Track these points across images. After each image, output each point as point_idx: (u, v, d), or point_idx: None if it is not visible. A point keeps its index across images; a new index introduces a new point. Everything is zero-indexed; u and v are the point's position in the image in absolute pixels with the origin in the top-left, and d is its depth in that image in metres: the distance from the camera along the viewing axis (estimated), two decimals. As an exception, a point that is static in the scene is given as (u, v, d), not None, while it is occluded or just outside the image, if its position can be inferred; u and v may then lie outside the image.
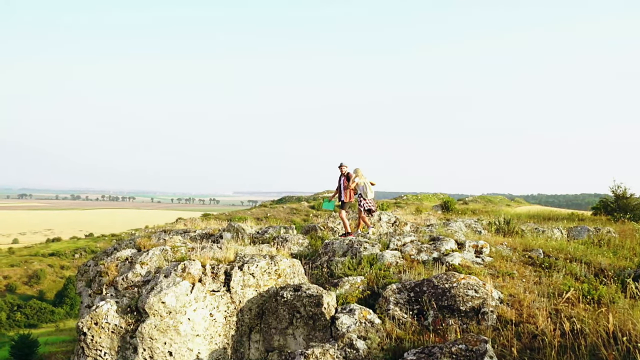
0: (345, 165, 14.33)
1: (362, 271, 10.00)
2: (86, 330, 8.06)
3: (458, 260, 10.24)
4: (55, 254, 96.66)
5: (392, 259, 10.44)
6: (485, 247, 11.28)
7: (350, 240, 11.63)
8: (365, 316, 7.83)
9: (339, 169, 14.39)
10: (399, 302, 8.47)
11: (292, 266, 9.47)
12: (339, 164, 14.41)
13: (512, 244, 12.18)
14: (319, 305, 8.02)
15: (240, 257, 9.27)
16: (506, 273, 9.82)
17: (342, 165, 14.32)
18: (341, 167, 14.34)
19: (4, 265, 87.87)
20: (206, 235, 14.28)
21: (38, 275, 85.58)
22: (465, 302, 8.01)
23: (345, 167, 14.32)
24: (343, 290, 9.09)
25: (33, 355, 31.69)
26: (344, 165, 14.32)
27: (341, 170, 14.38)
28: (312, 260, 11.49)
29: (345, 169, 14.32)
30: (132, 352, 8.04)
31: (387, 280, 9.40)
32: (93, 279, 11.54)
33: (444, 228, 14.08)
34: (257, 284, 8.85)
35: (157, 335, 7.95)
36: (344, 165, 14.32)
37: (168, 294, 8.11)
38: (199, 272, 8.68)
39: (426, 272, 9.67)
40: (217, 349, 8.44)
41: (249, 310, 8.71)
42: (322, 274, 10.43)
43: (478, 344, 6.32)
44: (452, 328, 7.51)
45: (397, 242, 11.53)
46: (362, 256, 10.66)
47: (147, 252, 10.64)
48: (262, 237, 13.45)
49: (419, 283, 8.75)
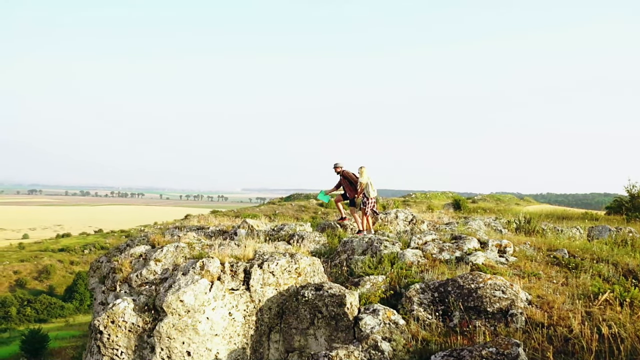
0: (340, 165, 14.33)
1: (383, 270, 9.75)
2: (102, 328, 7.84)
3: (482, 260, 9.96)
4: (65, 250, 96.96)
5: (413, 258, 10.18)
6: (508, 246, 10.99)
7: (369, 239, 11.36)
8: (390, 317, 7.59)
9: (334, 170, 14.42)
10: (422, 303, 8.22)
11: (313, 264, 9.22)
12: (333, 165, 14.43)
13: (536, 244, 11.88)
14: (342, 305, 7.77)
15: (260, 255, 9.03)
16: (532, 273, 9.53)
17: (337, 165, 14.35)
18: (336, 168, 14.38)
19: (14, 260, 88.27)
20: (220, 232, 14.07)
21: (48, 270, 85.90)
22: (492, 303, 7.75)
23: (340, 167, 14.33)
24: (364, 290, 8.85)
25: (43, 350, 31.73)
26: (338, 165, 14.34)
27: (336, 171, 14.41)
28: (330, 259, 11.24)
29: (340, 169, 14.33)
30: (149, 352, 7.82)
31: (409, 279, 9.15)
32: (106, 275, 11.35)
33: (465, 227, 13.78)
34: (277, 283, 8.60)
35: (175, 334, 7.73)
36: (338, 166, 14.34)
37: (186, 292, 7.89)
38: (218, 270, 8.44)
39: (449, 272, 9.40)
40: (236, 349, 8.21)
41: (269, 310, 8.48)
42: (341, 273, 10.18)
43: (509, 347, 6.05)
44: (480, 330, 7.24)
45: (418, 241, 11.27)
46: (382, 255, 10.40)
47: (161, 249, 10.43)
48: (278, 234, 13.20)
49: (443, 283, 8.49)
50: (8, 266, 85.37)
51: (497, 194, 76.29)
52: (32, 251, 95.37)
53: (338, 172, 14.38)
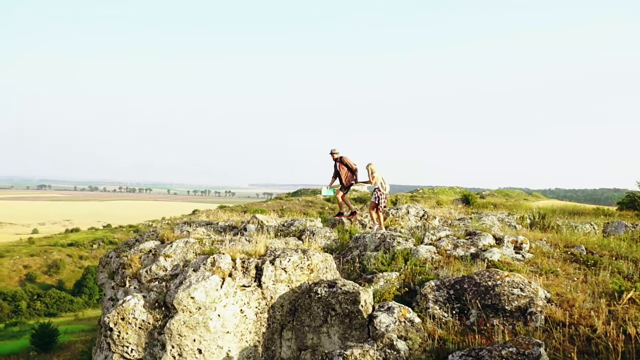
0: (336, 151, 14.54)
1: (397, 267, 9.55)
2: (112, 325, 7.70)
3: (497, 257, 9.74)
4: (74, 244, 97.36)
5: (427, 254, 9.97)
6: (525, 242, 10.76)
7: (382, 234, 11.16)
8: (405, 315, 7.39)
9: (331, 156, 14.60)
10: (438, 300, 8.02)
11: (325, 261, 9.04)
12: (330, 151, 14.61)
13: (552, 240, 11.63)
14: (356, 303, 7.59)
15: (271, 251, 8.86)
16: (549, 270, 9.30)
17: (334, 151, 14.54)
18: (333, 154, 14.55)
19: (24, 255, 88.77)
20: (229, 228, 13.92)
21: (57, 265, 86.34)
22: (510, 301, 7.54)
23: (336, 154, 14.52)
24: (378, 287, 8.65)
25: (53, 344, 31.76)
26: (335, 151, 14.54)
27: (333, 157, 14.57)
28: (342, 255, 11.05)
29: (336, 155, 14.52)
30: (160, 349, 7.67)
31: (423, 276, 8.95)
32: (116, 271, 11.24)
33: (478, 222, 13.55)
34: (289, 279, 8.43)
35: (186, 331, 7.58)
36: (335, 152, 14.53)
37: (197, 289, 7.73)
38: (229, 266, 8.28)
39: (465, 269, 9.19)
40: (248, 346, 8.05)
41: (281, 307, 8.31)
42: (354, 269, 9.99)
43: (530, 347, 5.85)
44: (499, 329, 7.03)
45: (432, 237, 11.05)
46: (395, 251, 10.20)
47: (170, 245, 10.30)
48: (288, 229, 13.03)
49: (459, 280, 8.28)
50: (18, 261, 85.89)
51: (505, 189, 75.80)
52: (41, 246, 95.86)
53: (335, 158, 14.53)
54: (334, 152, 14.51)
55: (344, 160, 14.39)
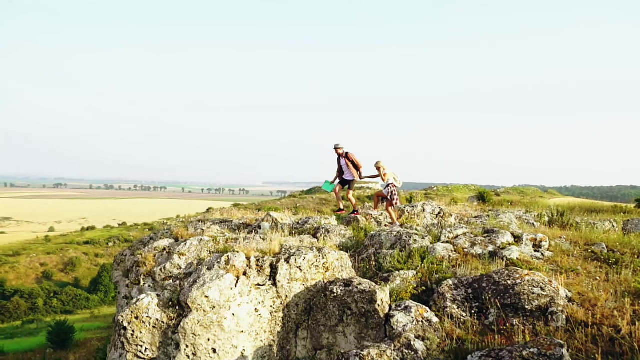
0: (340, 146, 14.27)
1: (413, 265, 9.39)
2: (126, 324, 7.64)
3: (516, 255, 9.56)
4: (90, 242, 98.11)
5: (444, 253, 9.81)
6: (544, 240, 10.56)
7: (398, 232, 11.01)
8: (422, 314, 7.25)
9: (335, 151, 14.33)
10: (456, 299, 7.86)
11: (341, 259, 8.91)
12: (334, 146, 14.35)
13: (571, 238, 11.41)
14: (372, 302, 7.46)
15: (286, 249, 8.76)
16: (570, 269, 9.11)
17: (339, 146, 14.27)
18: (337, 149, 14.29)
19: (40, 253, 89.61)
20: (243, 225, 13.83)
21: (73, 262, 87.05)
22: (530, 300, 7.37)
23: (340, 149, 14.26)
24: (394, 286, 8.51)
25: (69, 341, 31.97)
26: (340, 146, 14.27)
27: (337, 152, 14.32)
28: (357, 253, 10.91)
29: (341, 150, 14.25)
30: (174, 349, 7.60)
31: (440, 275, 8.79)
32: (130, 269, 11.20)
33: (496, 220, 13.34)
34: (305, 278, 8.31)
35: (200, 331, 7.50)
36: (340, 147, 14.26)
37: (212, 288, 7.65)
38: (244, 264, 8.18)
39: (483, 267, 9.01)
40: (263, 346, 7.96)
41: (296, 306, 8.20)
42: (369, 268, 9.85)
43: (552, 347, 5.69)
44: (519, 329, 6.87)
45: (449, 235, 10.88)
46: (411, 249, 10.04)
47: (185, 243, 10.23)
48: (303, 227, 12.91)
49: (477, 279, 8.12)
50: (35, 258, 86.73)
51: (520, 186, 75.07)
52: (58, 244, 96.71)
53: (340, 153, 14.26)
54: (338, 147, 14.26)
55: (349, 156, 14.17)
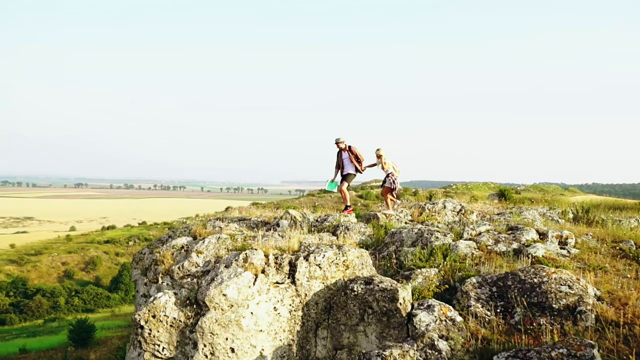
0: (341, 140, 14.04)
1: (435, 263, 9.17)
2: (143, 323, 7.54)
3: (541, 252, 9.28)
4: (110, 242, 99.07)
5: (467, 250, 9.56)
6: (570, 237, 10.26)
7: (419, 229, 10.79)
8: (446, 313, 7.03)
9: (336, 145, 14.10)
10: (480, 298, 7.63)
11: (361, 257, 8.72)
12: (335, 140, 14.11)
13: (598, 235, 11.08)
14: (394, 301, 7.26)
15: (305, 247, 8.59)
16: (597, 267, 8.80)
17: (339, 141, 14.03)
18: (338, 143, 14.05)
19: (62, 252, 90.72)
20: (262, 223, 13.71)
21: (94, 261, 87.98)
22: (558, 299, 7.10)
23: (342, 142, 14.03)
24: (416, 284, 8.30)
25: (90, 339, 32.20)
26: (341, 140, 14.03)
27: (339, 146, 14.07)
28: (377, 251, 10.71)
29: (343, 144, 14.02)
30: (191, 348, 7.48)
31: (463, 273, 8.56)
32: (148, 267, 11.14)
33: (519, 217, 13.04)
34: (324, 276, 8.14)
35: (218, 330, 7.36)
36: (340, 142, 14.02)
37: (229, 286, 7.50)
38: (262, 262, 8.03)
39: (507, 265, 8.76)
40: (282, 345, 7.80)
41: (316, 305, 8.02)
42: (390, 266, 9.65)
43: (582, 348, 5.44)
44: (547, 329, 6.62)
45: (471, 232, 10.63)
46: (433, 246, 9.82)
47: (203, 241, 10.12)
48: (321, 225, 12.74)
49: (502, 277, 7.87)
50: (56, 257, 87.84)
51: (540, 184, 74.13)
52: (79, 243, 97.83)
53: (342, 147, 14.04)
54: (339, 141, 14.00)
55: (353, 150, 13.94)
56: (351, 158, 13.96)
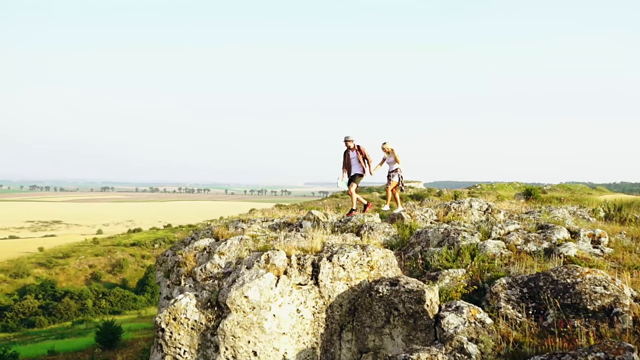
0: (351, 139, 13.57)
1: (463, 263, 8.89)
2: (164, 326, 7.42)
3: (574, 252, 8.94)
4: (136, 244, 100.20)
5: (495, 250, 9.26)
6: (603, 236, 9.89)
7: (445, 229, 10.52)
8: (475, 315, 6.77)
9: (345, 144, 13.61)
10: (510, 299, 7.34)
11: (386, 257, 8.48)
12: (344, 138, 13.62)
13: (632, 233, 10.67)
14: (421, 302, 7.01)
15: (328, 247, 8.38)
16: (633, 266, 8.44)
17: (348, 139, 13.55)
18: (347, 141, 13.57)
19: (89, 255, 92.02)
20: (285, 224, 13.57)
21: (121, 264, 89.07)
22: (592, 300, 6.78)
23: (351, 141, 13.56)
24: (443, 285, 8.03)
25: (117, 341, 32.48)
26: (349, 139, 13.56)
27: (347, 145, 13.59)
28: (402, 251, 10.47)
29: (352, 143, 13.55)
30: (213, 351, 7.32)
31: (492, 273, 8.27)
32: (171, 269, 11.07)
33: (549, 215, 12.66)
34: (348, 277, 7.92)
35: (239, 333, 7.20)
36: (350, 140, 13.55)
37: (251, 288, 7.33)
38: (284, 263, 7.85)
39: (538, 265, 8.45)
40: (305, 348, 7.60)
41: (340, 306, 7.81)
42: (416, 266, 9.39)
43: (621, 352, 5.14)
44: (581, 331, 6.31)
45: (500, 231, 10.31)
46: (460, 246, 9.53)
47: (225, 242, 10.00)
48: (345, 225, 12.53)
49: (533, 277, 7.57)
50: (84, 260, 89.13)
51: (567, 183, 72.80)
52: (105, 246, 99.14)
53: (351, 146, 13.59)
54: (349, 139, 13.54)
55: (362, 150, 13.52)
56: (359, 158, 13.53)
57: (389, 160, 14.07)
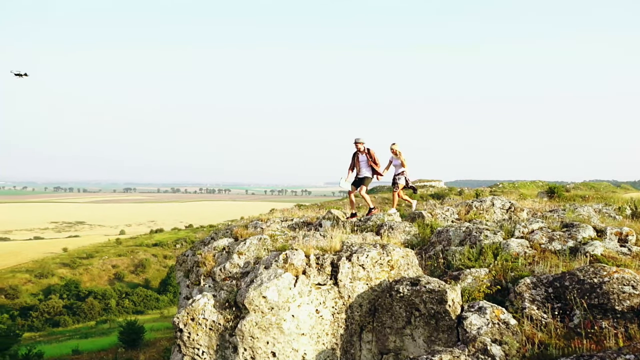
0: (361, 141, 13.13)
1: (485, 262, 8.70)
2: (182, 326, 7.37)
3: (600, 250, 8.69)
4: (159, 244, 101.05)
5: (519, 249, 9.05)
6: (630, 234, 9.61)
7: (467, 227, 10.33)
8: (499, 316, 6.60)
9: (355, 145, 13.19)
10: (535, 300, 7.15)
11: (406, 256, 8.33)
12: (354, 140, 13.18)
13: (661, 231, 10.36)
14: (442, 302, 6.86)
15: (348, 247, 8.26)
16: (662, 266, 8.18)
17: (359, 141, 13.11)
18: (358, 143, 13.14)
19: (112, 255, 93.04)
20: (304, 224, 13.48)
21: (143, 264, 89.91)
22: (621, 300, 6.57)
23: (361, 143, 13.12)
24: (465, 285, 7.86)
25: (139, 340, 32.74)
26: (360, 141, 13.11)
27: (357, 147, 13.17)
28: (423, 250, 10.30)
29: (361, 146, 13.12)
30: (231, 352, 7.26)
31: (516, 273, 8.07)
32: (191, 269, 11.05)
33: (574, 213, 12.38)
34: (368, 277, 7.79)
35: (258, 333, 7.12)
36: (360, 142, 13.11)
37: (269, 288, 7.25)
38: (303, 263, 7.75)
39: (564, 264, 8.23)
40: (325, 349, 7.49)
41: (359, 307, 7.68)
42: (437, 265, 9.23)
43: (651, 354, 4.95)
44: (610, 332, 6.11)
45: (523, 229, 10.09)
46: (482, 245, 9.34)
47: (244, 242, 9.94)
48: (365, 225, 12.40)
49: (558, 277, 7.36)
50: (107, 260, 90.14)
51: (590, 182, 71.56)
52: (128, 246, 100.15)
53: (361, 149, 13.16)
54: (359, 141, 13.11)
55: (371, 153, 13.16)
56: (369, 162, 13.22)
57: (395, 162, 13.83)
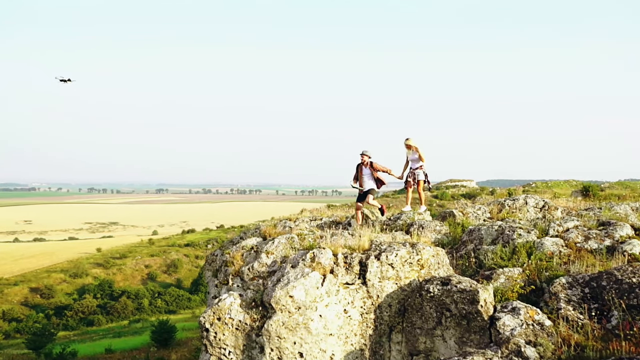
0: (368, 154, 12.55)
1: (519, 262, 8.47)
2: (208, 326, 7.33)
3: (638, 249, 8.39)
4: (190, 245, 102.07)
5: (553, 248, 8.79)
6: (671, 232, 9.27)
7: (499, 226, 10.08)
8: (533, 317, 6.39)
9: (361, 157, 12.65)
10: (571, 300, 6.91)
11: (437, 255, 8.15)
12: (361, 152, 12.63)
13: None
14: (474, 303, 6.67)
15: (376, 246, 8.11)
16: None
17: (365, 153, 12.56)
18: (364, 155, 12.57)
19: (145, 255, 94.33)
20: (333, 223, 13.37)
21: (175, 264, 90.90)
22: (662, 301, 6.30)
23: (367, 156, 12.53)
24: (498, 284, 7.66)
25: (171, 340, 33.00)
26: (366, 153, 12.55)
27: (362, 159, 12.62)
28: (454, 249, 10.10)
29: (367, 159, 12.53)
30: (258, 352, 7.18)
31: (550, 272, 7.83)
32: (219, 268, 11.03)
33: (611, 211, 11.99)
34: (397, 276, 7.63)
35: (285, 333, 7.03)
36: (367, 155, 12.54)
37: (296, 287, 7.16)
38: (330, 262, 7.63)
39: (600, 264, 7.95)
40: (353, 350, 7.36)
41: (389, 307, 7.53)
42: (469, 265, 9.02)
43: (695, 357, 4.70)
44: (651, 334, 5.85)
45: (558, 228, 9.80)
46: (516, 244, 9.10)
47: (272, 241, 9.88)
48: (395, 223, 12.23)
49: (595, 277, 7.11)
50: (140, 261, 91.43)
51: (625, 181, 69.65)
52: (160, 246, 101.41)
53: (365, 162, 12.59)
54: (366, 153, 12.59)
55: (375, 166, 12.60)
56: (373, 174, 12.83)
57: (412, 157, 13.32)
